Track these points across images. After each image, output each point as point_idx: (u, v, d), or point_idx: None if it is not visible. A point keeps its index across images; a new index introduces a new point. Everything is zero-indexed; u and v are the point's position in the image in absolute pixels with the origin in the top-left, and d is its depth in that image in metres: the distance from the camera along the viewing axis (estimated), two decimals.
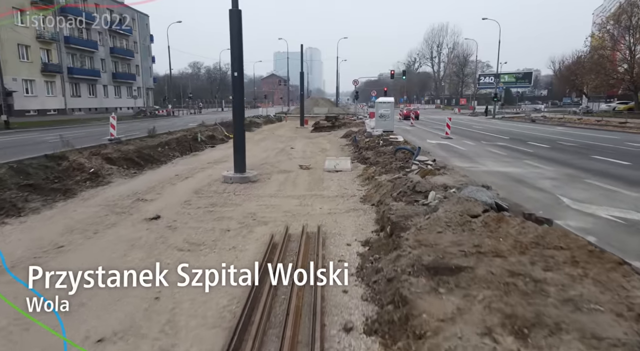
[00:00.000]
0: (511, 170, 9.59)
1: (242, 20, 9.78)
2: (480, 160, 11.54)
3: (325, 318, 3.49)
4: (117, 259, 4.98)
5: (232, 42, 9.70)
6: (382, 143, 14.26)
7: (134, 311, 3.67)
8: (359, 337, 3.19)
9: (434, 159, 9.70)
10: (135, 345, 3.22)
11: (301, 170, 12.29)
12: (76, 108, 38.23)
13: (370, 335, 3.22)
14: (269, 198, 8.53)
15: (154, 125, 28.80)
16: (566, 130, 25.32)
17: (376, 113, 19.49)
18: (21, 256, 5.04)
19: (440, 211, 5.62)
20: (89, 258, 4.99)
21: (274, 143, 19.87)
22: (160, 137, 17.35)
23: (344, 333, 3.28)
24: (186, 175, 10.96)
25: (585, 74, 36.96)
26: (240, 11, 9.75)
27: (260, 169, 11.99)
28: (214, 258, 5.07)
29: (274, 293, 3.91)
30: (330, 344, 3.11)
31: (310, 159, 14.50)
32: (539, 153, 13.17)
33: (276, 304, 3.79)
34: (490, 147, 14.98)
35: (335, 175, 11.23)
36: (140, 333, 3.35)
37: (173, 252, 5.25)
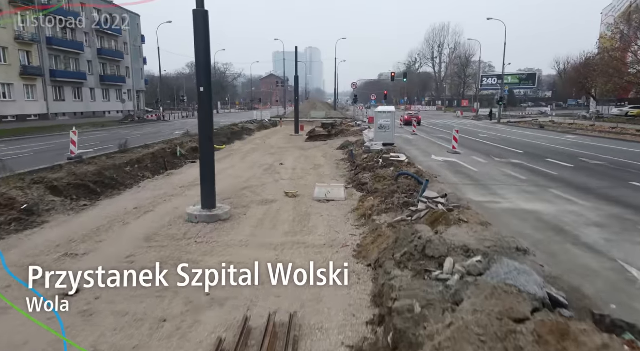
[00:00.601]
0: (541, 209, 7.77)
1: (209, 22, 7.97)
2: (498, 189, 9.71)
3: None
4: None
5: (198, 49, 7.89)
6: (382, 163, 12.45)
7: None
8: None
9: (444, 194, 7.90)
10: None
11: (287, 198, 10.50)
12: (60, 113, 36.35)
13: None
14: (238, 249, 6.74)
15: (139, 132, 26.94)
16: (581, 139, 23.48)
17: (375, 123, 17.67)
18: None
19: (467, 305, 3.87)
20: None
21: (262, 157, 18.06)
22: (133, 152, 15.53)
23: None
24: (146, 209, 9.15)
25: (597, 76, 35.10)
26: (207, 12, 7.95)
27: (239, 198, 10.19)
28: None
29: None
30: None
31: (300, 181, 12.70)
32: (564, 176, 11.34)
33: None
34: (504, 166, 13.15)
35: (325, 208, 9.45)
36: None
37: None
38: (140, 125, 35.81)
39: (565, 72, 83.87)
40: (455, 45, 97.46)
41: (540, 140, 22.50)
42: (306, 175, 13.65)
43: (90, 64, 42.81)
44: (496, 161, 14.26)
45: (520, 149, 17.63)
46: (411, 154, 16.06)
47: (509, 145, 19.46)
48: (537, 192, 9.26)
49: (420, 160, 14.54)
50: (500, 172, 12.04)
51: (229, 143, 23.69)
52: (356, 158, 15.90)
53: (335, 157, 17.93)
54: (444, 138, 23.64)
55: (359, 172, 13.21)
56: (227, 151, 20.64)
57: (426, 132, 28.05)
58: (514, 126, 36.32)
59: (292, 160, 17.31)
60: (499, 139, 22.70)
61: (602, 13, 51.82)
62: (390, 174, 10.80)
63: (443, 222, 6.77)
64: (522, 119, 43.37)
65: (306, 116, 46.49)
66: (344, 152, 18.92)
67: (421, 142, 21.41)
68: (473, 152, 16.80)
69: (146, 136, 24.85)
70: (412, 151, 17.17)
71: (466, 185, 10.18)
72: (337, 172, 14.43)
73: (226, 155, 18.99)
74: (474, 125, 37.21)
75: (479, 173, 11.80)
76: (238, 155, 18.77)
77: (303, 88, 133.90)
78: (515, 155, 16.02)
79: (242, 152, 20.10)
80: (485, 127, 34.37)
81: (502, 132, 28.64)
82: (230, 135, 25.31)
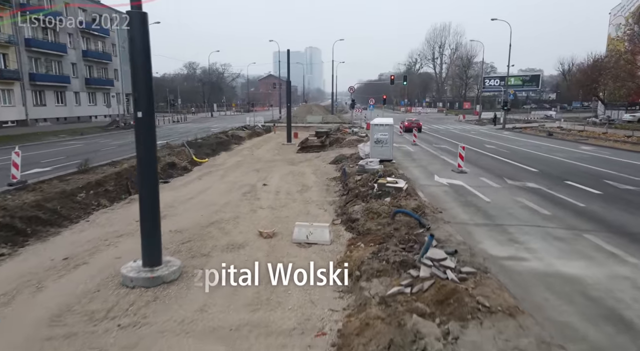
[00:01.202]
0: (584, 274, 5.88)
1: (148, 27, 6.13)
2: (519, 233, 7.83)
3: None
4: None
5: (135, 62, 6.08)
6: (377, 191, 10.61)
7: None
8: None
9: (454, 251, 6.08)
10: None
11: (260, 239, 8.68)
12: (40, 119, 34.38)
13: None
14: (174, 340, 4.94)
15: (118, 142, 24.70)
16: (597, 151, 21.60)
17: (371, 138, 15.83)
18: None
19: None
20: None
21: (246, 174, 16.21)
22: (95, 172, 13.65)
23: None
24: (80, 259, 7.33)
25: (609, 80, 33.16)
26: (145, 14, 6.12)
27: (201, 240, 8.36)
28: None
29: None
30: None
31: (282, 211, 10.87)
32: (595, 210, 9.48)
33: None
34: (520, 192, 11.28)
35: (304, 256, 7.65)
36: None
37: None
38: (124, 132, 33.89)
39: (569, 73, 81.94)
40: (457, 46, 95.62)
41: (552, 152, 20.62)
42: (290, 202, 11.82)
43: (74, 67, 40.82)
44: (509, 184, 12.40)
45: (534, 166, 15.76)
46: (411, 174, 14.21)
47: (520, 160, 17.59)
48: (570, 239, 7.40)
49: (421, 183, 12.69)
50: (517, 202, 10.19)
51: (214, 154, 21.86)
52: (349, 177, 14.06)
53: (326, 174, 16.09)
54: (447, 149, 21.78)
55: (350, 199, 11.38)
56: (209, 166, 18.80)
57: (427, 141, 26.18)
58: (519, 133, 34.45)
59: (278, 178, 15.47)
60: (508, 152, 20.83)
61: (610, 13, 49.82)
62: (386, 210, 8.96)
63: (455, 304, 4.95)
64: (528, 124, 41.46)
65: (302, 121, 44.63)
66: (336, 168, 17.09)
67: (422, 156, 19.54)
68: (481, 170, 14.94)
69: (123, 147, 22.97)
70: (412, 169, 15.31)
71: (479, 226, 8.32)
72: (326, 196, 12.61)
73: (206, 171, 17.15)
74: (477, 132, 35.35)
75: (492, 205, 9.94)
76: (219, 172, 16.93)
77: (301, 90, 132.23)
78: (529, 175, 14.15)
79: (224, 167, 18.26)
80: (490, 135, 32.51)
81: (508, 141, 26.77)
82: (216, 146, 23.46)
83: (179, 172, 16.77)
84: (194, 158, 19.40)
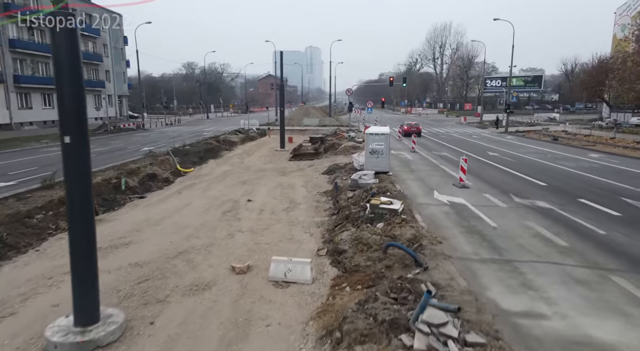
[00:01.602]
0: (619, 341, 4.73)
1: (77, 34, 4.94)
2: (533, 273, 6.62)
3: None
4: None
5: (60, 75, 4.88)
6: (369, 213, 9.41)
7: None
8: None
9: (456, 308, 4.89)
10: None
11: (232, 276, 7.51)
12: (26, 122, 33.14)
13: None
14: None
15: (102, 148, 23.01)
16: (607, 160, 20.37)
17: (366, 148, 14.62)
18: None
19: None
20: None
21: (231, 187, 15.01)
22: (62, 188, 12.42)
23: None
24: (4, 310, 6.16)
25: (618, 84, 31.86)
26: (74, 14, 4.89)
27: (160, 279, 7.16)
28: None
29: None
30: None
31: (263, 235, 9.69)
32: (619, 241, 8.26)
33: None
34: (530, 215, 10.06)
35: (280, 301, 6.51)
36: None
37: None
38: (111, 137, 32.70)
39: (572, 74, 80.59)
40: (457, 46, 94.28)
41: (559, 161, 19.39)
42: (273, 224, 10.63)
43: None
44: (516, 203, 11.18)
45: (541, 178, 14.54)
46: (408, 189, 13.01)
47: (526, 171, 16.36)
48: (595, 284, 6.19)
49: (419, 201, 11.48)
50: (527, 228, 8.98)
51: (201, 163, 20.64)
52: (340, 192, 12.88)
53: (317, 186, 14.90)
54: (448, 157, 20.56)
55: (339, 221, 10.20)
56: (193, 176, 17.58)
57: (427, 147, 24.94)
58: (523, 137, 33.20)
59: (265, 192, 14.28)
60: (512, 161, 19.60)
61: (615, 12, 48.52)
62: (377, 241, 7.78)
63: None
64: (531, 128, 40.20)
65: (298, 123, 43.43)
66: (329, 179, 15.91)
67: (421, 165, 18.32)
68: (485, 184, 13.73)
69: (105, 155, 21.73)
70: (409, 183, 14.10)
71: (485, 263, 7.11)
72: (314, 215, 11.41)
73: (189, 184, 15.94)
74: (479, 136, 34.11)
75: (499, 232, 8.73)
76: (202, 184, 15.72)
77: (301, 90, 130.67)
78: (537, 190, 12.94)
79: (209, 178, 17.04)
80: (493, 139, 31.27)
81: (512, 147, 25.53)
82: (204, 153, 22.24)
83: (159, 184, 15.57)
84: (178, 167, 18.21)
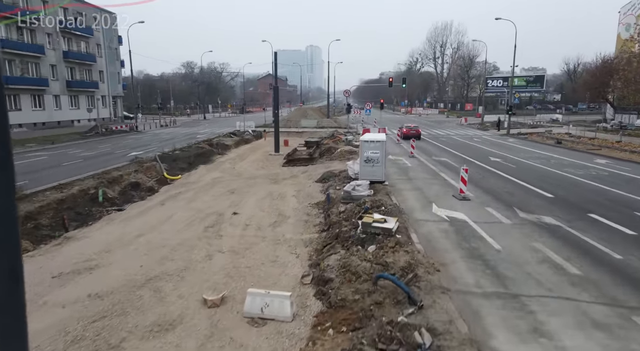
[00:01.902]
0: None
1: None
2: (544, 313, 5.79)
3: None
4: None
5: None
6: (361, 233, 8.59)
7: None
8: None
9: None
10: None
11: (203, 310, 6.70)
12: (15, 125, 32.29)
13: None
14: None
15: (89, 153, 21.88)
16: (615, 166, 19.51)
17: (361, 155, 13.79)
18: None
19: None
20: None
21: (216, 199, 14.18)
22: (33, 200, 11.61)
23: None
24: None
25: (625, 86, 30.96)
26: None
27: (118, 316, 6.32)
28: None
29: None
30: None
31: (244, 256, 8.87)
32: (636, 267, 7.48)
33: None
34: (537, 234, 9.21)
35: (251, 346, 5.66)
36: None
37: None
38: (102, 140, 31.91)
39: (575, 74, 79.61)
40: (458, 45, 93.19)
41: (564, 168, 18.53)
42: (258, 242, 9.82)
43: (54, 68, 38.70)
44: (522, 219, 10.35)
45: (547, 189, 13.69)
46: (405, 201, 12.17)
47: (530, 179, 15.51)
48: (616, 328, 5.37)
49: (416, 216, 10.66)
50: (535, 252, 8.14)
51: (190, 169, 19.82)
52: (332, 204, 12.07)
53: (309, 197, 14.08)
54: (448, 164, 19.72)
55: (328, 241, 9.37)
56: (180, 184, 16.76)
57: (426, 152, 24.08)
58: (525, 140, 32.30)
59: (254, 203, 13.46)
60: (515, 167, 18.73)
61: (619, 12, 47.58)
62: (367, 269, 6.95)
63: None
64: (534, 130, 39.28)
65: (296, 125, 42.59)
66: (322, 188, 15.09)
67: (420, 172, 17.48)
68: (487, 196, 12.89)
69: (90, 160, 20.91)
70: (406, 194, 13.26)
71: (489, 299, 6.27)
72: (302, 232, 10.59)
73: (174, 193, 15.12)
74: (480, 139, 33.23)
75: (504, 256, 7.90)
76: (188, 194, 14.90)
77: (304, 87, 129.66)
78: (543, 202, 12.10)
79: (197, 186, 16.22)
80: (494, 143, 30.38)
81: (515, 152, 24.66)
82: (195, 158, 21.41)
83: (142, 194, 14.78)
84: (164, 175, 17.40)
